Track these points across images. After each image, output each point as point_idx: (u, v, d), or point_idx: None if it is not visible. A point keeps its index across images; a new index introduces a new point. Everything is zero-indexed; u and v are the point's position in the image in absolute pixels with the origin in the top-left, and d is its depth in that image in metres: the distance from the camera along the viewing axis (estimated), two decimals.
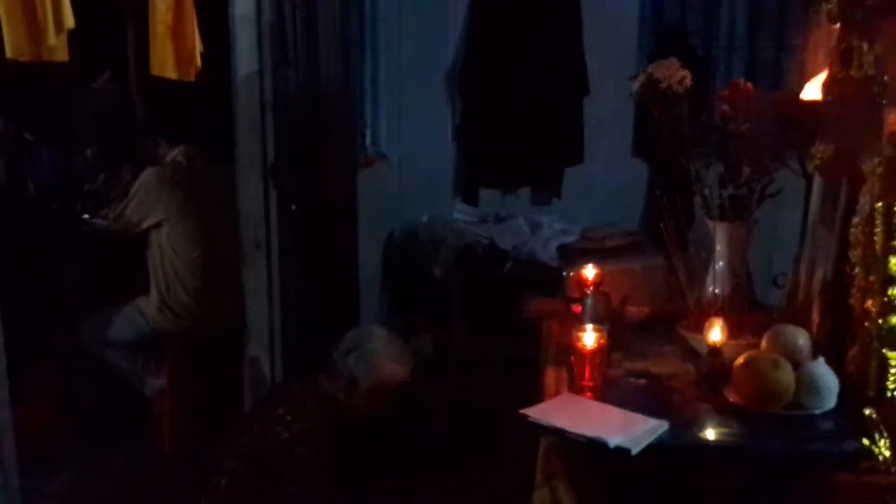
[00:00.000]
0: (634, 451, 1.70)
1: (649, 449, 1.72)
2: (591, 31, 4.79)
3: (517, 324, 3.14)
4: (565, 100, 4.84)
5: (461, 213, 4.99)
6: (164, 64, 2.98)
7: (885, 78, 1.81)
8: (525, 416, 1.86)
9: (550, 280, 3.56)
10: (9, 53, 2.39)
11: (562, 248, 4.44)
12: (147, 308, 3.57)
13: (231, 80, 3.17)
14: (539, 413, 1.86)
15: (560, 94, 4.82)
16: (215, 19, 3.17)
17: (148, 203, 3.47)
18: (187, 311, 3.54)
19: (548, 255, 4.49)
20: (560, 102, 4.83)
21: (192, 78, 3.05)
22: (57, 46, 2.40)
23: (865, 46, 1.91)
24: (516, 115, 4.83)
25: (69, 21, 2.35)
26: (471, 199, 5.08)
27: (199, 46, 3.05)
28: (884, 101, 1.80)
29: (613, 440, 1.71)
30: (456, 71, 5.02)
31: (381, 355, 2.42)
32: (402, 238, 5.03)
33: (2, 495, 2.00)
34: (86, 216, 4.02)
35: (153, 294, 3.57)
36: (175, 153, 3.56)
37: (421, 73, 4.97)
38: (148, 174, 3.50)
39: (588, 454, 1.75)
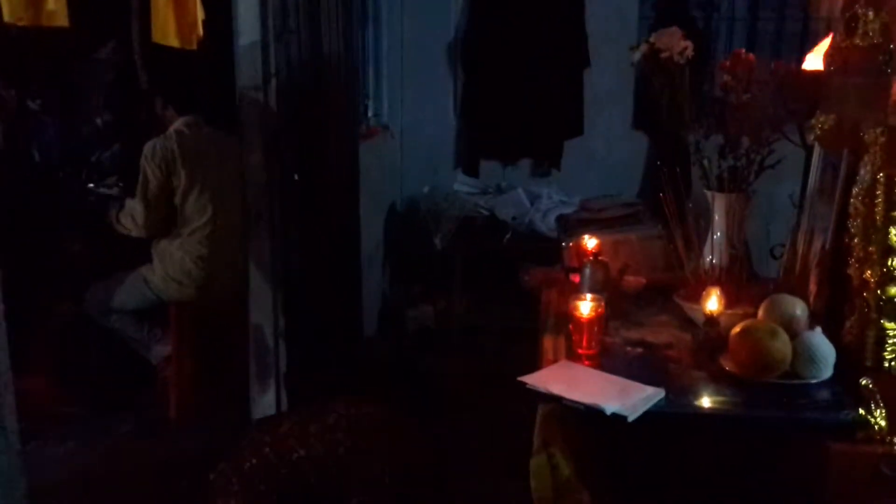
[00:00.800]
0: (631, 418, 1.72)
1: (646, 416, 1.74)
2: (592, 3, 4.77)
3: (517, 293, 3.16)
4: (566, 72, 4.83)
5: (462, 184, 5.01)
6: (166, 32, 2.96)
7: (892, 46, 1.80)
8: (523, 384, 1.88)
9: (549, 250, 3.56)
10: (6, 17, 2.37)
11: (561, 219, 4.45)
12: (151, 276, 3.59)
13: (233, 49, 3.17)
14: (537, 380, 1.88)
15: (560, 67, 4.81)
16: None
17: (163, 167, 3.46)
18: (191, 279, 3.56)
19: (547, 226, 4.51)
20: (560, 75, 4.83)
21: (193, 46, 3.04)
22: (56, 11, 2.37)
23: (871, 14, 1.90)
24: (517, 87, 4.82)
25: None
26: (471, 171, 5.09)
27: (200, 14, 3.04)
28: (889, 70, 1.79)
29: (610, 407, 1.73)
30: (458, 43, 5.01)
31: None
32: (404, 209, 5.04)
33: (4, 460, 2.02)
34: (91, 185, 4.02)
35: (157, 262, 3.59)
36: (179, 123, 3.56)
37: (423, 44, 4.96)
38: (150, 145, 3.49)
39: (585, 421, 1.77)
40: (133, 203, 3.52)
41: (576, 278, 2.48)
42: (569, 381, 1.87)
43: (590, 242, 2.52)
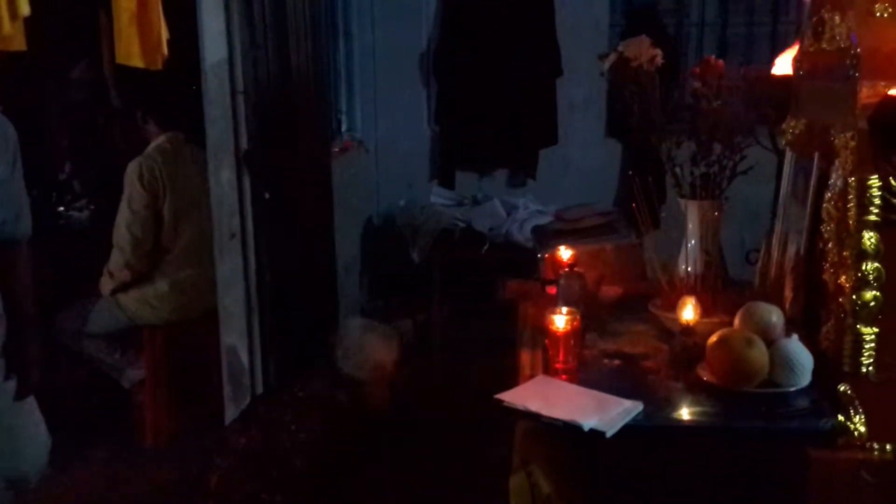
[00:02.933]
0: (609, 434, 1.69)
1: (624, 430, 1.71)
2: (563, 13, 4.78)
3: (496, 304, 3.14)
4: (539, 81, 4.83)
5: (438, 196, 4.98)
6: (130, 52, 2.92)
7: (858, 50, 1.79)
8: (500, 401, 1.85)
9: (527, 261, 3.56)
10: None
11: (536, 230, 4.44)
12: (124, 299, 3.52)
13: (200, 67, 3.13)
14: (514, 397, 1.85)
15: (533, 76, 4.81)
16: (182, 5, 3.12)
17: (149, 187, 3.35)
18: (166, 302, 3.50)
19: (524, 236, 4.49)
20: (534, 84, 4.82)
21: (158, 66, 2.99)
22: (13, 35, 2.32)
23: (837, 18, 1.89)
24: (490, 97, 4.82)
25: (24, 9, 2.28)
26: (447, 183, 5.07)
27: (165, 34, 3.00)
28: (856, 74, 1.79)
29: (588, 423, 1.70)
30: (430, 55, 4.99)
31: (366, 345, 2.39)
32: (381, 223, 5.01)
33: None
34: (61, 208, 3.95)
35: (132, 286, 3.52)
36: (161, 139, 3.48)
37: (395, 57, 4.94)
38: (134, 164, 3.39)
39: (563, 437, 1.74)
40: (116, 237, 3.40)
41: (552, 290, 2.46)
42: (546, 397, 1.84)
43: (565, 254, 2.49)
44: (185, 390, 3.58)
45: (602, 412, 1.74)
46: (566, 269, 2.40)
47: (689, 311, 1.97)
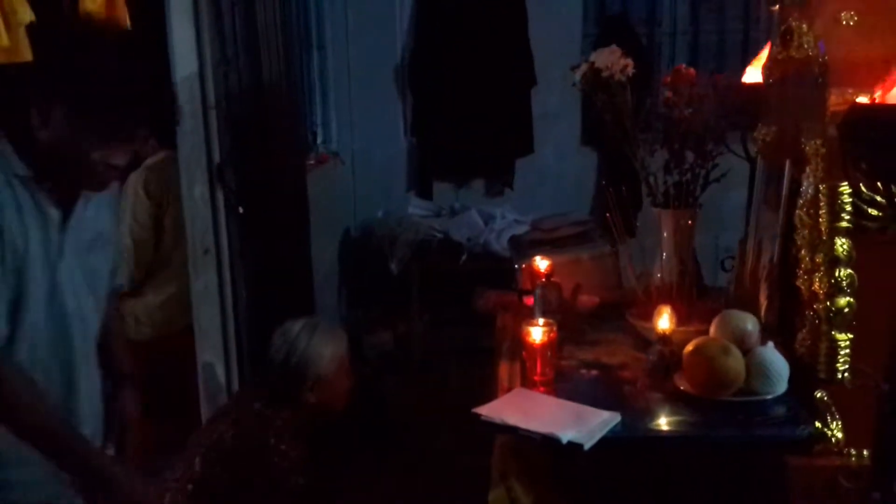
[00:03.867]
0: (587, 446, 1.68)
1: (602, 442, 1.71)
2: (535, 23, 4.78)
3: (475, 315, 3.13)
4: (513, 91, 4.83)
5: (416, 207, 4.97)
6: None
7: (825, 58, 1.81)
8: (478, 415, 1.83)
9: (506, 271, 3.54)
10: None
11: (513, 240, 4.43)
12: None
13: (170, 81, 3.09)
14: (492, 411, 1.84)
15: (508, 86, 4.81)
16: (151, 18, 3.09)
17: (153, 195, 3.28)
18: (151, 319, 3.44)
19: (501, 246, 4.48)
20: (508, 94, 4.82)
21: None
22: (13, 47, 2.15)
23: (805, 27, 1.91)
24: (466, 107, 4.81)
25: (25, 16, 2.15)
26: (425, 193, 5.05)
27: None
28: (824, 81, 1.80)
29: (566, 436, 1.69)
30: (405, 66, 4.99)
31: (313, 344, 2.36)
32: (358, 235, 4.99)
33: None
34: None
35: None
36: (159, 157, 3.40)
37: (370, 68, 4.93)
38: (137, 173, 3.26)
39: (542, 450, 1.74)
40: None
41: (529, 301, 2.45)
42: (524, 409, 1.83)
43: (542, 264, 2.49)
44: (161, 407, 3.52)
45: (580, 424, 1.74)
46: (543, 280, 2.39)
47: (664, 321, 1.97)
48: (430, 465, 3.30)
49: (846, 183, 1.73)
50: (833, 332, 1.76)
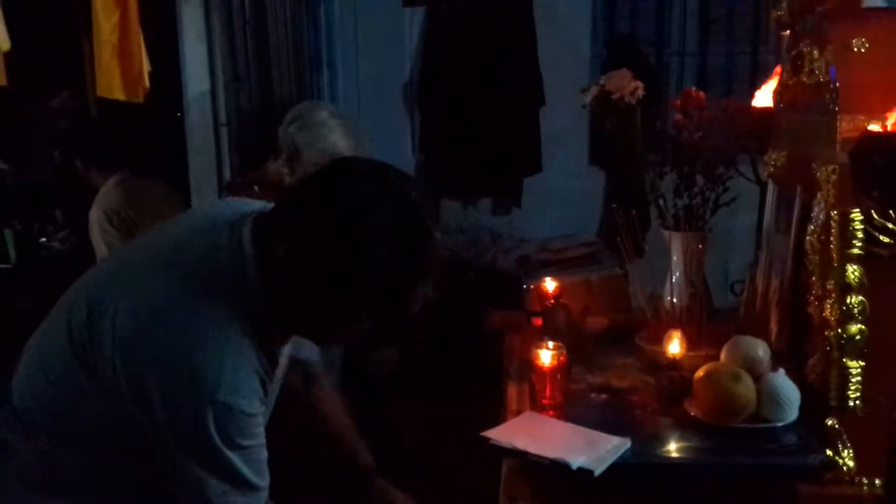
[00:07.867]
0: (597, 472, 1.67)
1: (612, 467, 1.70)
2: (544, 43, 4.79)
3: (482, 334, 3.12)
4: (522, 110, 4.84)
5: None
6: (111, 85, 2.91)
7: (837, 84, 1.80)
8: (487, 439, 1.83)
9: (513, 290, 3.54)
10: None
11: (521, 260, 4.42)
12: None
13: (182, 99, 3.12)
14: (501, 434, 1.83)
15: (516, 105, 4.81)
16: (164, 38, 3.11)
17: (119, 228, 3.15)
18: None
19: (509, 265, 4.47)
20: (517, 113, 4.83)
21: (140, 99, 2.99)
22: None
23: (816, 52, 1.91)
24: (474, 126, 4.82)
25: (4, 44, 2.26)
26: (432, 211, 5.04)
27: (146, 66, 2.99)
28: (836, 108, 1.79)
29: (576, 461, 1.68)
30: (414, 84, 5.00)
31: (325, 125, 2.29)
32: None
33: None
34: (43, 239, 3.91)
35: None
36: (110, 183, 3.24)
37: (379, 87, 4.94)
38: (96, 213, 3.18)
39: (551, 475, 1.72)
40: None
41: (538, 322, 2.45)
42: (533, 433, 1.82)
43: (550, 285, 2.48)
44: None
45: (590, 450, 1.72)
46: (551, 302, 2.39)
47: (675, 345, 1.96)
48: (435, 487, 3.27)
49: (858, 210, 1.73)
50: (844, 360, 1.75)
